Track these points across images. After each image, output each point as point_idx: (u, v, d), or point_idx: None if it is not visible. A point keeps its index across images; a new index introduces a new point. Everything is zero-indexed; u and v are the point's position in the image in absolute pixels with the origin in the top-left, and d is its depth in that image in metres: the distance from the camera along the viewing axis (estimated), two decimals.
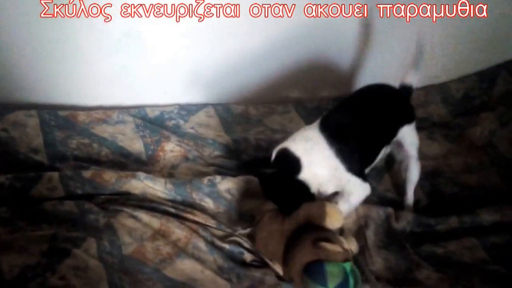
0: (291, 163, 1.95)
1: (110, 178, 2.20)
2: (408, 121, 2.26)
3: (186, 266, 1.93)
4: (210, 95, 2.89)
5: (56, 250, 1.83)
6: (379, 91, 2.28)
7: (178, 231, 2.04)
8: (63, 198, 2.11)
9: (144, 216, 2.06)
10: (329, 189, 2.05)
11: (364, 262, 2.05)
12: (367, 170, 2.16)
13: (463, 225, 2.22)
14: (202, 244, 2.03)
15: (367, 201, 2.29)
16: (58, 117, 2.55)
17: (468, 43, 2.93)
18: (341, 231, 2.07)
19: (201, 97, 2.88)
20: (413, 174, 2.35)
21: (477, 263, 2.08)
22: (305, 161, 1.94)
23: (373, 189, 2.39)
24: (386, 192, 2.48)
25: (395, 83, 2.33)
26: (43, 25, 2.48)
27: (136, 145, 2.55)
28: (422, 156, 2.54)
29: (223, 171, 2.45)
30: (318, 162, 1.96)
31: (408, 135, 2.27)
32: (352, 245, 1.96)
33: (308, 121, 2.71)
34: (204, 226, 2.12)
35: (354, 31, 2.83)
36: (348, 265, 1.75)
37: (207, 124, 2.74)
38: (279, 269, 1.96)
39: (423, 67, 2.35)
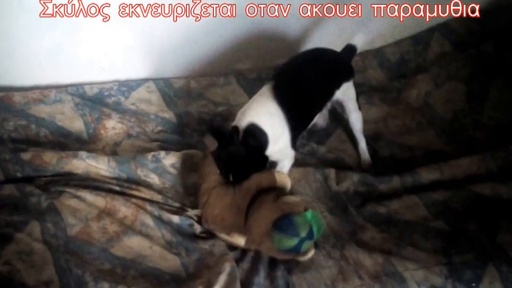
0: (261, 139, 1.95)
1: (50, 159, 2.16)
2: (346, 79, 2.35)
3: (134, 243, 1.93)
4: (150, 70, 2.85)
5: None
6: (316, 55, 2.35)
7: (124, 209, 2.03)
8: (2, 182, 2.07)
9: (88, 195, 2.03)
10: (274, 159, 2.09)
11: None
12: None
13: (404, 184, 2.29)
14: (149, 220, 2.02)
15: (304, 164, 2.37)
16: None
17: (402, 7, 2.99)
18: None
19: (141, 72, 2.84)
20: (356, 122, 2.46)
21: (419, 220, 2.16)
22: (271, 136, 1.96)
23: (314, 152, 2.45)
24: (328, 153, 2.52)
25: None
26: None
27: (76, 124, 2.49)
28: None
29: (167, 146, 2.44)
30: (279, 137, 2.01)
31: (347, 91, 2.36)
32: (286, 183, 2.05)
33: (250, 92, 2.74)
34: (151, 203, 2.11)
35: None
36: (309, 214, 1.80)
37: (148, 100, 2.71)
38: (239, 240, 1.98)
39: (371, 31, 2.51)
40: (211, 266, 1.91)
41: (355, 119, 2.45)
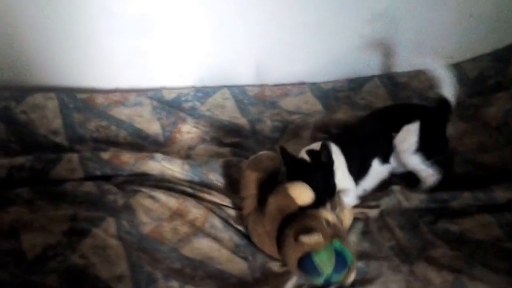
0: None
1: (128, 159, 2.24)
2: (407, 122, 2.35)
3: (203, 245, 1.97)
4: (225, 77, 2.90)
5: (76, 230, 1.86)
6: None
7: (195, 211, 2.08)
8: (82, 179, 2.16)
9: (162, 196, 2.09)
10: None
11: (383, 238, 2.07)
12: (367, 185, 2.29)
13: (477, 202, 2.22)
14: (218, 223, 2.06)
15: None
16: (77, 100, 2.58)
17: (482, 23, 2.91)
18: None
19: (217, 79, 2.89)
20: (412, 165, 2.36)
21: (492, 240, 2.08)
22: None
23: None
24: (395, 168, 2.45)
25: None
26: (59, 8, 2.52)
27: (153, 127, 2.58)
28: None
29: (240, 152, 2.48)
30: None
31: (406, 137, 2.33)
32: (346, 215, 2.02)
33: (324, 103, 2.74)
34: (220, 206, 2.15)
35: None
36: (337, 243, 1.78)
37: (223, 106, 2.77)
38: None
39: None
40: (277, 272, 1.92)
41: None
